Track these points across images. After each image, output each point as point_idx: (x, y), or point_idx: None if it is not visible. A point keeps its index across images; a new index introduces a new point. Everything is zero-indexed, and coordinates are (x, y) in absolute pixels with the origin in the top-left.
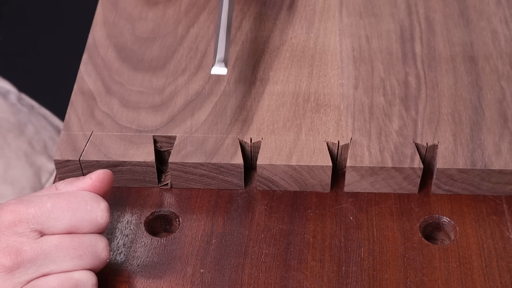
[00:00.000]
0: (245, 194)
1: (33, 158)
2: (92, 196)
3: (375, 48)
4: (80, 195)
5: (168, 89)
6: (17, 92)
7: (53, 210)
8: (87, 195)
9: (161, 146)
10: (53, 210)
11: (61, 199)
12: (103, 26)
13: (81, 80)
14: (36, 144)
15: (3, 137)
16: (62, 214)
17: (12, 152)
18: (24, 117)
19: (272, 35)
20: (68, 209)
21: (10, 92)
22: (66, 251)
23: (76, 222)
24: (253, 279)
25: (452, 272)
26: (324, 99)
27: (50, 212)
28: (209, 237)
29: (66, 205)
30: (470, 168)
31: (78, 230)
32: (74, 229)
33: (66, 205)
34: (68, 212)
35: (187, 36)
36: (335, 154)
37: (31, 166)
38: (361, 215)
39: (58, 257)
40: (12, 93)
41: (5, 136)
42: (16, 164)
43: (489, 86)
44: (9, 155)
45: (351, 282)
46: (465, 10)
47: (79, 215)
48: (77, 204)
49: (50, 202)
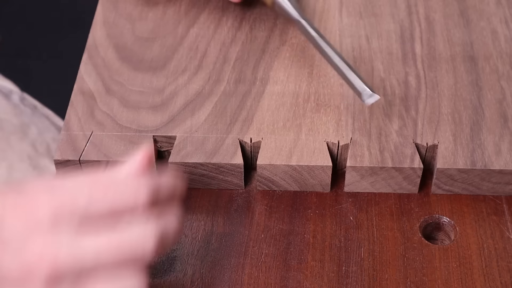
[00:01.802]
0: (245, 194)
1: (36, 160)
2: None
3: (375, 48)
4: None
5: (168, 89)
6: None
7: (90, 202)
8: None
9: (161, 146)
10: (90, 202)
11: (98, 187)
12: (103, 26)
13: (81, 80)
14: (39, 146)
15: (6, 140)
16: (101, 205)
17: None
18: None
19: (272, 35)
20: (107, 199)
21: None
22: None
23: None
24: (253, 279)
25: (452, 272)
26: (324, 99)
27: (88, 204)
28: (209, 237)
29: (104, 194)
30: (470, 168)
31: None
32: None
33: (104, 195)
34: (107, 202)
35: (187, 36)
36: (335, 154)
37: (34, 168)
38: (361, 215)
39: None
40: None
41: (8, 138)
42: (20, 167)
43: (489, 86)
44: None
45: (351, 282)
46: (465, 10)
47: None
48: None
49: (86, 191)
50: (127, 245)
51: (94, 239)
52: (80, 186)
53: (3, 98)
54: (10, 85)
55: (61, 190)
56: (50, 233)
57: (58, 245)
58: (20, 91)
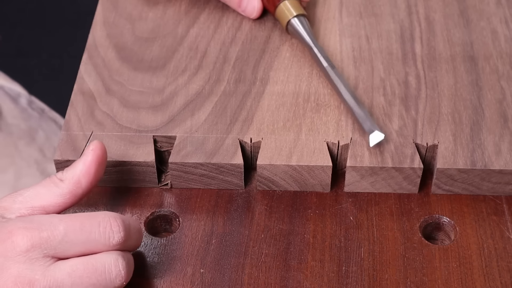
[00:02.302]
0: (245, 194)
1: (44, 165)
2: (104, 216)
3: (375, 48)
4: (92, 216)
5: (168, 89)
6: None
7: (66, 233)
8: (99, 216)
9: (161, 146)
10: (66, 233)
11: (73, 221)
12: (103, 26)
13: (81, 80)
14: (46, 151)
15: (14, 145)
16: (75, 237)
17: (23, 160)
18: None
19: (272, 35)
20: (81, 231)
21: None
22: (79, 280)
23: (90, 245)
24: (253, 279)
25: (452, 272)
26: (324, 99)
27: (63, 235)
28: (209, 237)
29: (79, 227)
30: (470, 168)
31: (92, 252)
32: (88, 251)
33: (79, 228)
34: (81, 235)
35: (187, 36)
36: (335, 154)
37: (42, 173)
38: (361, 215)
39: (71, 285)
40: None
41: (16, 143)
42: (28, 172)
43: (489, 86)
44: (20, 163)
45: (351, 282)
46: (465, 10)
47: (92, 237)
48: (90, 226)
49: (62, 225)
50: (101, 267)
51: (69, 262)
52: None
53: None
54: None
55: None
56: (25, 263)
57: (33, 271)
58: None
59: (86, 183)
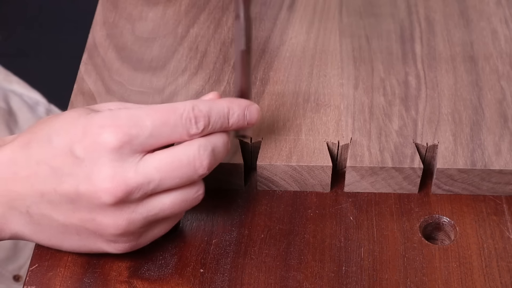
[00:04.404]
0: (245, 194)
1: None
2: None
3: (375, 48)
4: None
5: (168, 89)
6: (47, 103)
7: (153, 128)
8: (180, 107)
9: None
10: (153, 128)
11: (157, 115)
12: (103, 26)
13: (81, 80)
14: None
15: None
16: (161, 131)
17: None
18: None
19: (272, 35)
20: (166, 125)
21: (39, 104)
22: (166, 174)
23: (174, 137)
24: (253, 279)
25: (452, 272)
26: (324, 99)
27: (151, 130)
28: (209, 237)
29: (164, 121)
30: (470, 168)
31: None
32: (172, 142)
33: (164, 121)
34: (167, 128)
35: (187, 36)
36: (335, 154)
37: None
38: (361, 215)
39: (160, 179)
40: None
41: None
42: None
43: (489, 86)
44: None
45: (351, 282)
46: (465, 10)
47: (176, 130)
48: (174, 119)
49: (149, 119)
50: (185, 158)
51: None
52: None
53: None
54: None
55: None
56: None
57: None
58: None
59: None
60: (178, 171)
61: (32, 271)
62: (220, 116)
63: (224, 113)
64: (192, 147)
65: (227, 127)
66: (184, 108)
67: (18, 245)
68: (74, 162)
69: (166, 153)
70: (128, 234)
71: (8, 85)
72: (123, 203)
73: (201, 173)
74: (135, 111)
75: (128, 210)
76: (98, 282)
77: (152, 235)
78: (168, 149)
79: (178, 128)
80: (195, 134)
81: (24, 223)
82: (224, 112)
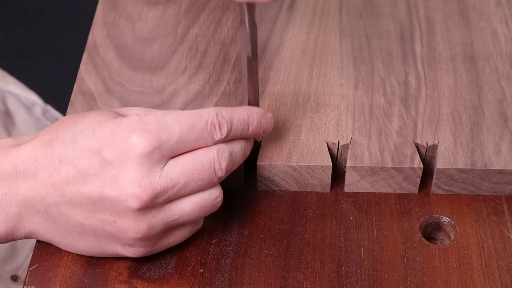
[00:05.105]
0: (245, 194)
1: None
2: (209, 113)
3: (375, 48)
4: (200, 114)
5: (168, 89)
6: (43, 104)
7: (181, 133)
8: (205, 114)
9: None
10: (181, 133)
11: (184, 120)
12: (103, 26)
13: (81, 80)
14: None
15: None
16: (188, 136)
17: None
18: None
19: (272, 35)
20: (193, 131)
21: (35, 104)
22: (190, 177)
23: (199, 143)
24: (253, 279)
25: (452, 272)
26: (324, 99)
27: (179, 136)
28: (209, 237)
29: (191, 127)
30: (470, 168)
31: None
32: (196, 148)
33: (191, 127)
34: (194, 134)
35: (187, 36)
36: (335, 154)
37: None
38: (361, 215)
39: (184, 183)
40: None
41: None
42: None
43: (489, 86)
44: None
45: (351, 282)
46: (465, 10)
47: (202, 135)
48: (200, 125)
49: (177, 125)
50: (207, 161)
51: (179, 160)
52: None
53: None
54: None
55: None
56: (147, 165)
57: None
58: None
59: None
60: (200, 174)
61: (32, 271)
62: (241, 123)
63: (245, 120)
64: (212, 150)
65: (247, 134)
66: (208, 114)
67: (16, 246)
68: (101, 164)
69: (188, 157)
70: (147, 238)
71: (5, 86)
72: (147, 207)
73: (220, 175)
74: (163, 117)
75: (150, 215)
76: (98, 282)
77: (167, 243)
78: (190, 153)
79: (203, 133)
80: (219, 140)
81: (41, 221)
82: (244, 119)
